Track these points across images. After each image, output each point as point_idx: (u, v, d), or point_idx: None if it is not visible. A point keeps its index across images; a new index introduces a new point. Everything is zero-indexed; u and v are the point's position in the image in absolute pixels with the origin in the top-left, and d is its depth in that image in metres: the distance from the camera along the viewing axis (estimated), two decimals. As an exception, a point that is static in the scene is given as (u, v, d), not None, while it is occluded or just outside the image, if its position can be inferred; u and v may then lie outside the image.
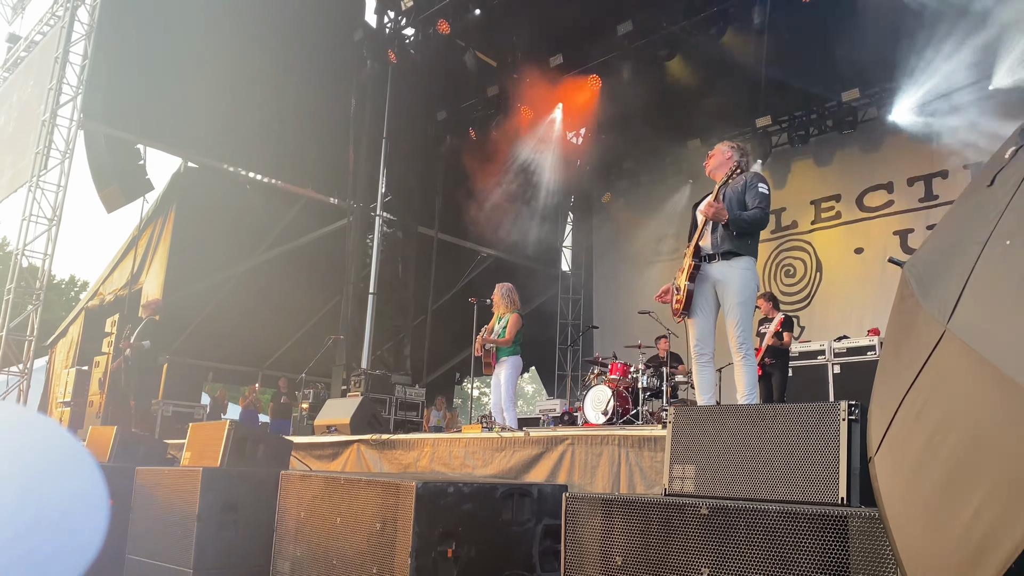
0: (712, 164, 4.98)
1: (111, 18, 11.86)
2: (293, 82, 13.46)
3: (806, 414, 2.68)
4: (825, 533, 2.32)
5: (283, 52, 13.26)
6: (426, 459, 5.66)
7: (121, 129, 11.90)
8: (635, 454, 4.34)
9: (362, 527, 3.69)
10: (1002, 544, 1.34)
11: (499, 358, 7.52)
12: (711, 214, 4.59)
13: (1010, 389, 1.34)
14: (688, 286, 4.66)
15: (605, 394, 9.23)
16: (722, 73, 12.66)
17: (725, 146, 5.01)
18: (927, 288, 1.68)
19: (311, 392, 11.85)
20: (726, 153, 4.95)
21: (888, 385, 1.81)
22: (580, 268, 18.45)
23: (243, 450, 5.40)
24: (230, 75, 12.64)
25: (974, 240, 1.56)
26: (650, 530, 2.76)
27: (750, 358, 4.55)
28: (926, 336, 1.60)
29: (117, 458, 6.56)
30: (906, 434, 1.64)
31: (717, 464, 2.89)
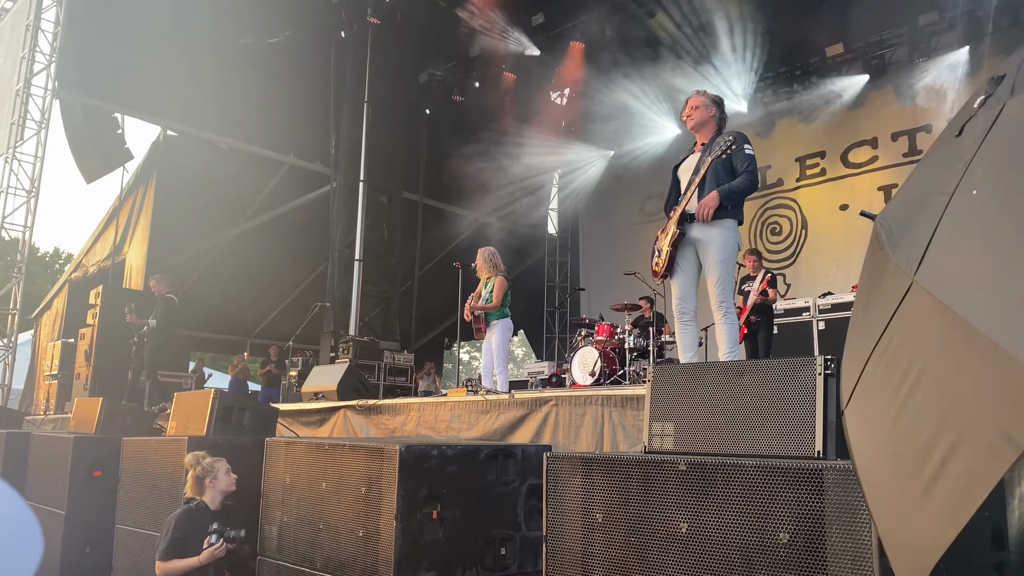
0: (696, 119, 4.83)
1: (82, -17, 11.61)
2: (272, 46, 13.25)
3: (783, 369, 2.69)
4: (801, 486, 2.34)
5: (261, 16, 13.03)
6: (412, 423, 5.69)
7: (97, 98, 11.70)
8: (618, 413, 4.37)
9: (348, 491, 3.71)
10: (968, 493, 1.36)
11: (489, 323, 7.51)
12: (707, 216, 4.47)
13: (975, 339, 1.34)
14: (669, 251, 4.64)
15: (592, 355, 9.28)
16: (706, 30, 12.53)
17: (707, 98, 4.85)
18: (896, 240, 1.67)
19: (299, 360, 11.86)
20: (710, 109, 4.81)
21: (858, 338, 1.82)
22: (566, 231, 18.43)
23: (229, 418, 5.41)
24: (208, 41, 12.43)
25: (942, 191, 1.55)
26: (630, 487, 2.78)
27: (731, 316, 4.55)
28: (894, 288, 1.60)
29: (103, 429, 6.57)
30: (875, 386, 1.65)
31: (696, 421, 2.91)
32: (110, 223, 13.41)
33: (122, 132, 11.93)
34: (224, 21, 12.55)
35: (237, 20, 12.70)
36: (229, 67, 12.74)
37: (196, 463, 4.68)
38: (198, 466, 4.65)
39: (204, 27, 12.33)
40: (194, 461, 4.70)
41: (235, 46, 12.75)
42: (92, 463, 6.00)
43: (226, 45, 12.65)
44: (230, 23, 12.63)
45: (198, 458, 4.71)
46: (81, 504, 5.88)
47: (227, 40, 12.66)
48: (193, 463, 4.70)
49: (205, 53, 12.40)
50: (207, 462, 4.62)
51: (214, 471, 4.58)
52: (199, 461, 4.68)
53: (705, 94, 4.85)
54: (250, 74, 13.00)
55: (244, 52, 12.88)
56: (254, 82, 13.09)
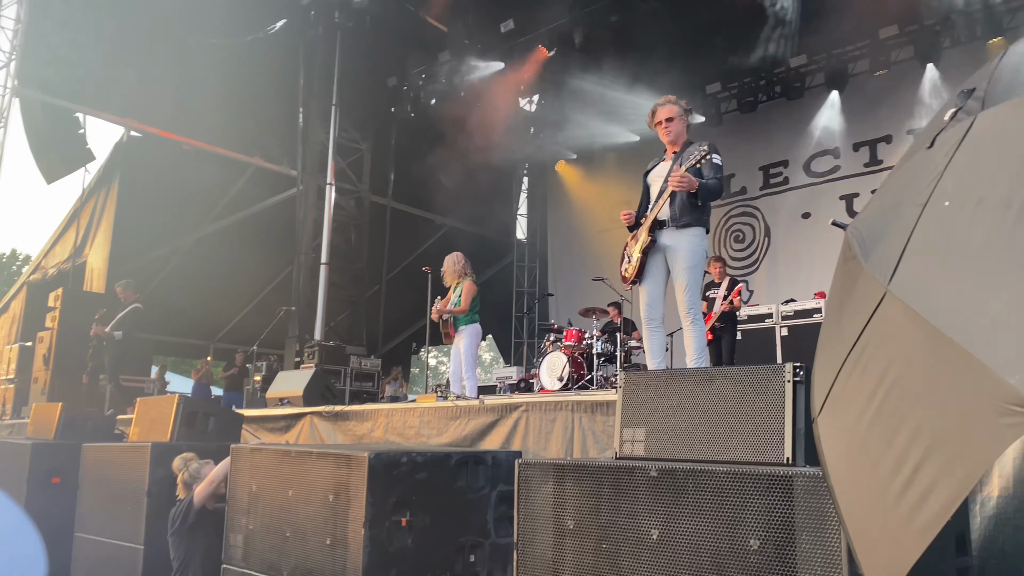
0: (674, 131, 4.86)
1: (44, -20, 11.37)
2: (239, 47, 13.08)
3: (752, 376, 2.71)
4: (771, 493, 2.37)
5: (228, 16, 12.86)
6: (380, 429, 5.64)
7: (59, 96, 11.45)
8: (588, 419, 4.38)
9: (315, 499, 3.66)
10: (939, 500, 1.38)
11: (457, 328, 7.45)
12: (684, 185, 4.53)
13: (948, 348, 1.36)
14: (639, 257, 4.67)
15: (560, 360, 9.30)
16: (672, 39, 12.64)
17: (680, 108, 4.88)
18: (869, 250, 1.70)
19: (264, 364, 11.72)
20: (683, 119, 4.87)
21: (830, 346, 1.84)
22: (535, 236, 18.46)
23: (193, 424, 5.33)
24: (173, 40, 12.26)
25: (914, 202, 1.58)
26: (601, 493, 2.79)
27: (699, 322, 4.60)
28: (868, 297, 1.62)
29: (63, 435, 6.42)
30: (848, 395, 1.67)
31: (667, 427, 2.92)
32: (71, 224, 13.14)
33: (84, 132, 11.70)
34: (190, 21, 12.38)
35: (204, 20, 12.52)
36: (195, 67, 12.56)
37: (184, 467, 4.62)
38: (185, 471, 4.60)
39: (170, 27, 12.15)
40: (182, 465, 4.65)
41: (202, 46, 12.57)
42: (50, 470, 5.87)
43: (192, 45, 12.47)
44: (196, 23, 12.46)
45: (186, 461, 4.65)
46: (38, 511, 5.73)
47: (193, 40, 12.48)
48: (181, 467, 4.64)
49: (171, 53, 12.22)
50: (194, 467, 4.56)
51: (200, 476, 4.52)
52: (186, 465, 4.62)
53: (677, 102, 4.87)
54: (216, 75, 12.82)
55: (210, 52, 12.70)
56: (220, 83, 12.92)
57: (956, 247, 1.41)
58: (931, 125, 1.83)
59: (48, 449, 5.98)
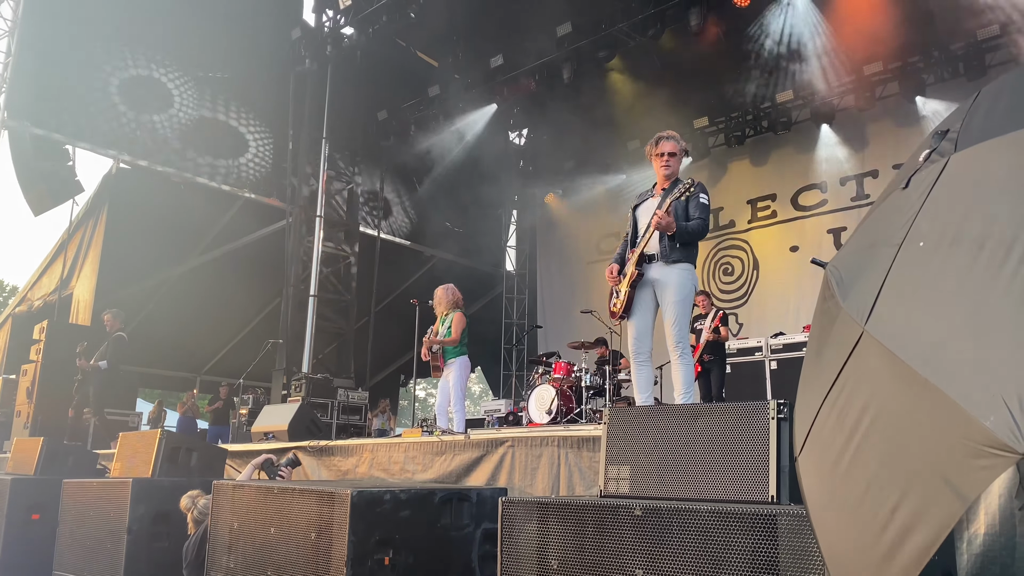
0: (673, 168, 4.87)
1: (36, 13, 11.42)
2: (230, 81, 13.17)
3: (737, 413, 2.71)
4: (755, 532, 2.35)
5: (219, 50, 12.97)
6: (365, 465, 5.58)
7: (48, 128, 11.47)
8: (574, 455, 4.35)
9: (297, 537, 3.61)
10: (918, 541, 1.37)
11: (447, 360, 7.39)
12: (663, 226, 4.57)
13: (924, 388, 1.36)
14: (628, 292, 4.68)
15: (549, 393, 9.26)
16: (660, 74, 12.82)
17: (680, 147, 4.89)
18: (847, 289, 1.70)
19: (250, 398, 11.62)
20: (680, 159, 4.92)
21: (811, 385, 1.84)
22: (524, 268, 18.49)
23: (176, 459, 5.26)
24: (163, 73, 12.32)
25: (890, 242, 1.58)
26: (585, 532, 2.76)
27: (686, 356, 4.59)
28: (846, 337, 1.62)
29: (44, 471, 6.33)
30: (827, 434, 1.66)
31: (652, 464, 2.91)
32: (57, 256, 13.07)
33: (73, 164, 11.70)
34: (181, 54, 12.46)
35: (194, 53, 12.62)
36: (185, 99, 12.62)
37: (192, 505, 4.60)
38: (194, 509, 4.57)
39: (160, 59, 12.23)
40: (190, 504, 4.62)
41: (192, 78, 12.65)
42: (30, 506, 5.79)
43: (182, 77, 12.54)
44: (187, 56, 12.55)
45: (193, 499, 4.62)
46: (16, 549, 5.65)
47: (184, 72, 12.55)
48: (189, 505, 4.61)
49: (160, 85, 12.28)
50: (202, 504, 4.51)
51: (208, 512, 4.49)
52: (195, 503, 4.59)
53: (679, 140, 4.90)
54: (206, 107, 12.89)
55: (200, 84, 12.78)
56: (210, 114, 12.97)
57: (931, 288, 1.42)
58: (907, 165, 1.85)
59: (28, 485, 5.90)
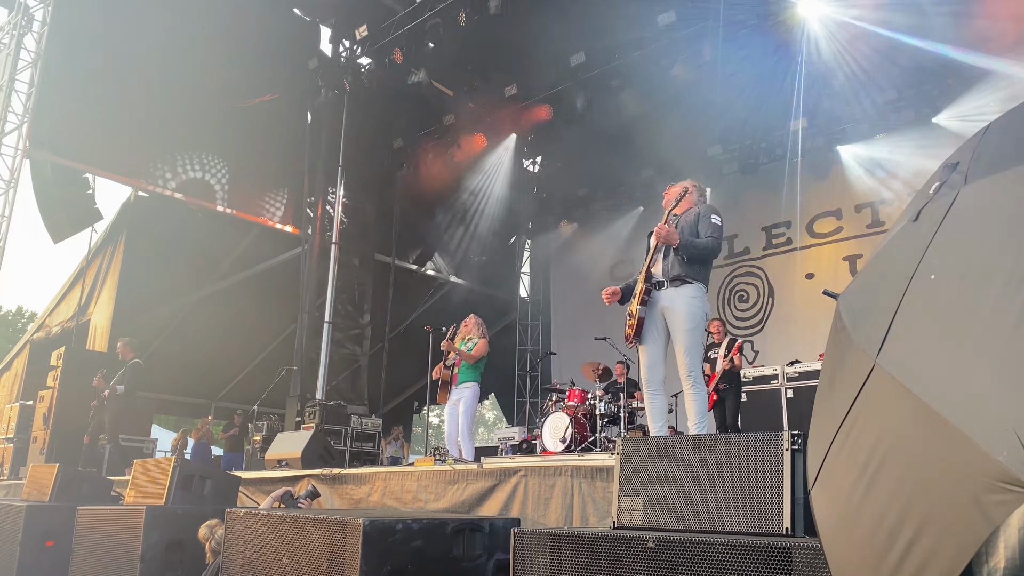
0: (671, 195, 4.94)
1: (59, 46, 11.66)
2: (248, 111, 13.35)
3: (750, 444, 2.69)
4: (769, 565, 2.32)
5: (237, 80, 13.16)
6: (378, 493, 5.57)
7: (69, 158, 11.65)
8: (588, 485, 4.32)
9: (309, 566, 3.60)
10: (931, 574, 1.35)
11: (460, 380, 7.40)
12: (663, 236, 4.60)
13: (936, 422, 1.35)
14: (639, 311, 4.67)
15: (563, 421, 9.21)
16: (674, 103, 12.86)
17: (688, 183, 5.01)
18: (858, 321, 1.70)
19: (264, 424, 11.63)
20: (687, 188, 4.96)
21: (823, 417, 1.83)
22: (538, 294, 18.50)
23: (189, 487, 5.27)
24: (182, 103, 12.50)
25: (901, 274, 1.58)
26: (598, 564, 2.74)
27: (699, 386, 4.57)
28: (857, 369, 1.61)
29: (58, 497, 6.36)
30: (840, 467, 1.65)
31: (665, 495, 2.89)
32: (76, 283, 13.21)
33: (92, 192, 11.86)
34: (199, 85, 12.65)
35: (213, 84, 12.80)
36: (203, 129, 12.79)
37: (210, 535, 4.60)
38: (212, 539, 4.57)
39: (179, 90, 12.41)
40: (208, 534, 4.63)
41: (209, 108, 12.83)
42: (45, 533, 5.80)
43: (200, 107, 12.72)
44: (205, 86, 12.73)
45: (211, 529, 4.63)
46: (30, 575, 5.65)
47: (202, 102, 12.73)
48: (207, 535, 4.62)
49: (179, 115, 12.46)
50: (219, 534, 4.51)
51: None
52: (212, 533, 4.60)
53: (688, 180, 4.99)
54: (224, 135, 13.05)
55: (218, 114, 12.95)
56: (228, 143, 13.13)
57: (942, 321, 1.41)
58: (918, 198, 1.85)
59: (43, 512, 5.91)
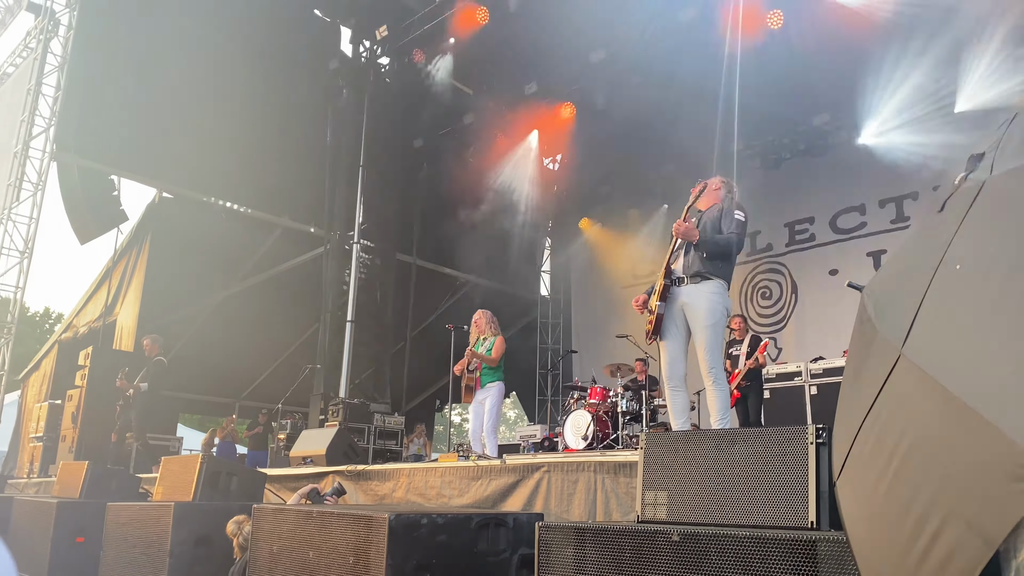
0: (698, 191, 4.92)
1: (84, 50, 11.82)
2: (269, 111, 13.45)
3: (774, 438, 2.69)
4: (795, 558, 2.32)
5: (259, 82, 13.27)
6: (402, 489, 5.61)
7: (95, 160, 11.82)
8: (611, 480, 4.33)
9: (335, 561, 3.64)
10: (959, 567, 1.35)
11: (484, 383, 7.42)
12: (681, 232, 4.60)
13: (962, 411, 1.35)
14: (659, 307, 4.66)
15: (585, 419, 9.22)
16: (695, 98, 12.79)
17: (718, 179, 4.98)
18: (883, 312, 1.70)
19: (288, 423, 11.73)
20: (715, 184, 4.93)
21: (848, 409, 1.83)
22: (559, 292, 18.48)
23: (216, 483, 5.33)
24: (205, 105, 12.62)
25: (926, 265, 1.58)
26: (623, 558, 2.75)
27: (721, 382, 4.55)
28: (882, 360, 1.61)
29: (88, 494, 6.46)
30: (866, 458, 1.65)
31: (689, 489, 2.89)
32: (102, 284, 13.40)
33: (118, 194, 12.02)
34: (222, 87, 12.77)
35: (235, 85, 12.92)
36: (226, 131, 12.91)
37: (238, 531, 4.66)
38: (240, 535, 4.63)
39: (201, 92, 12.54)
40: (235, 529, 4.68)
41: (232, 109, 12.94)
42: (75, 529, 5.89)
43: (225, 110, 12.84)
44: (228, 87, 12.85)
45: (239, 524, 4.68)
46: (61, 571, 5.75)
47: (224, 103, 12.85)
48: (235, 531, 4.67)
49: (202, 117, 12.58)
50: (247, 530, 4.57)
51: None
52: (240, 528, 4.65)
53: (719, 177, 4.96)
54: (246, 138, 13.17)
55: (241, 116, 13.06)
56: (250, 145, 13.25)
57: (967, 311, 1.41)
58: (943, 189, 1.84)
59: (73, 508, 6.01)
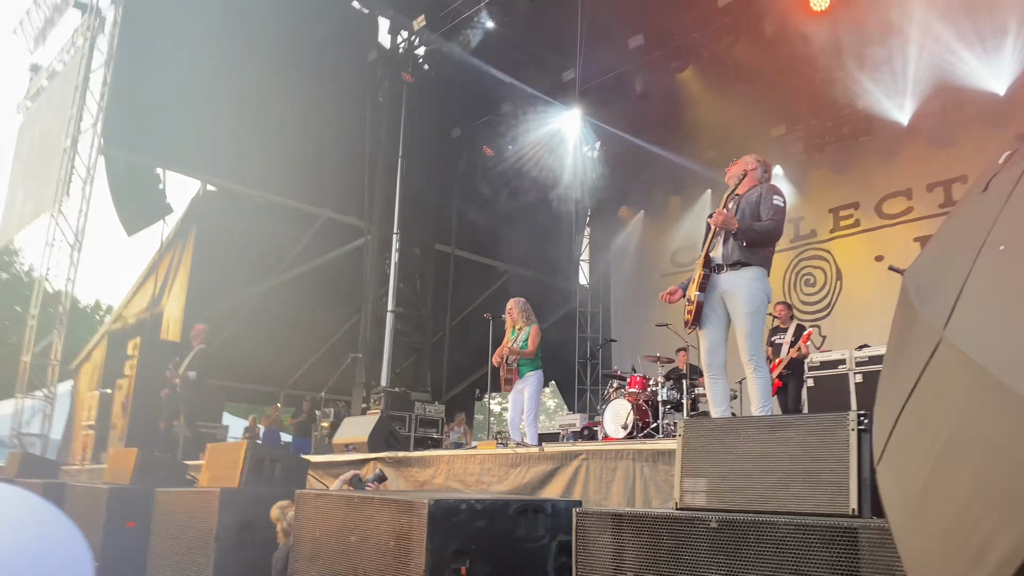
0: (733, 172, 4.89)
1: (130, 46, 12.05)
2: (309, 104, 13.60)
3: (816, 425, 2.65)
4: (836, 545, 2.29)
5: (299, 74, 13.41)
6: (442, 476, 5.66)
7: (140, 154, 12.07)
8: (650, 468, 4.31)
9: (376, 545, 3.69)
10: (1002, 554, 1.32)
11: (522, 373, 7.40)
12: (720, 222, 4.56)
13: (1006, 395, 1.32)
14: (698, 296, 4.62)
15: (624, 408, 9.18)
16: (735, 83, 12.63)
17: (751, 158, 4.92)
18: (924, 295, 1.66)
19: (331, 411, 11.88)
20: (750, 164, 4.87)
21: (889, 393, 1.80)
22: (598, 281, 18.41)
23: (260, 470, 5.43)
24: (247, 99, 12.80)
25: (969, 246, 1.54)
26: (661, 544, 2.74)
27: (762, 369, 4.50)
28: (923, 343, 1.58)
29: (138, 480, 6.62)
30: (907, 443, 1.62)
31: (728, 476, 2.87)
32: (149, 275, 13.70)
33: (163, 187, 12.27)
34: (263, 80, 12.93)
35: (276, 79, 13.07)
36: (268, 124, 13.08)
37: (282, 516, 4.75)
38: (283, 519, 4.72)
39: (244, 86, 12.71)
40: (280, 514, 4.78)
41: (273, 102, 13.10)
42: (126, 514, 6.05)
43: (266, 103, 13.00)
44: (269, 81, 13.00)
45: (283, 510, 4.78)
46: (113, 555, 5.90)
47: (267, 98, 13.01)
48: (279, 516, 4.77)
49: (245, 111, 12.76)
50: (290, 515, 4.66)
51: None
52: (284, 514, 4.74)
53: (752, 155, 4.91)
54: (287, 131, 13.33)
55: (282, 109, 13.22)
56: (292, 138, 13.41)
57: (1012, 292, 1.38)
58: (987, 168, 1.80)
59: (124, 494, 6.17)
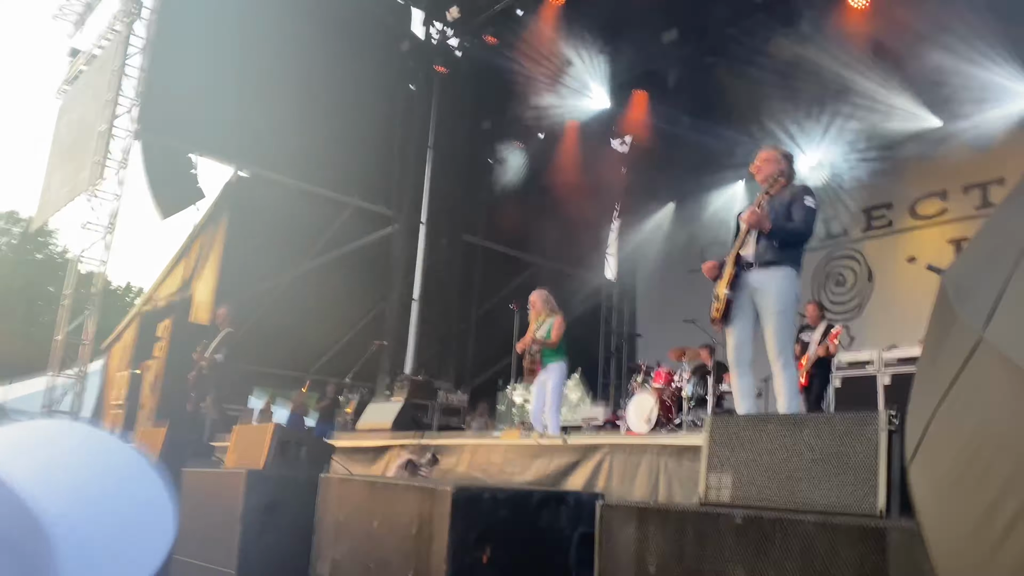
0: (765, 172, 4.82)
1: (167, 33, 12.19)
2: (342, 93, 13.66)
3: (845, 423, 2.63)
4: (863, 545, 2.27)
5: (332, 64, 13.48)
6: (464, 464, 5.68)
7: (175, 139, 12.21)
8: (674, 463, 4.30)
9: (399, 531, 3.71)
10: None
11: (545, 364, 7.39)
12: (753, 222, 4.53)
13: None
14: (727, 294, 4.60)
15: (649, 402, 9.14)
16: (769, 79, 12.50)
17: (777, 152, 4.88)
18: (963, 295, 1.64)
19: (356, 396, 11.97)
20: (779, 163, 4.82)
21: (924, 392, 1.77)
22: (624, 276, 18.34)
23: (286, 452, 5.49)
24: (280, 87, 12.89)
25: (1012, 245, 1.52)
26: (684, 539, 2.73)
27: (790, 367, 4.46)
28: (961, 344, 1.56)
29: (165, 458, 6.72)
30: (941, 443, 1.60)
31: (754, 473, 2.85)
32: (181, 259, 13.87)
33: (196, 172, 12.41)
34: (296, 69, 13.01)
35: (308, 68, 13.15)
36: (300, 112, 13.16)
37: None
38: None
39: (277, 75, 12.80)
40: None
41: (305, 90, 13.18)
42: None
43: (299, 92, 13.09)
44: (302, 69, 13.09)
45: None
46: (140, 533, 5.99)
47: (300, 87, 13.10)
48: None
49: (278, 99, 12.85)
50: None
51: None
52: None
53: (776, 148, 4.87)
54: (319, 119, 13.40)
55: (315, 98, 13.30)
56: (323, 126, 13.48)
57: (1056, 293, 1.35)
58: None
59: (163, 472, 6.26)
